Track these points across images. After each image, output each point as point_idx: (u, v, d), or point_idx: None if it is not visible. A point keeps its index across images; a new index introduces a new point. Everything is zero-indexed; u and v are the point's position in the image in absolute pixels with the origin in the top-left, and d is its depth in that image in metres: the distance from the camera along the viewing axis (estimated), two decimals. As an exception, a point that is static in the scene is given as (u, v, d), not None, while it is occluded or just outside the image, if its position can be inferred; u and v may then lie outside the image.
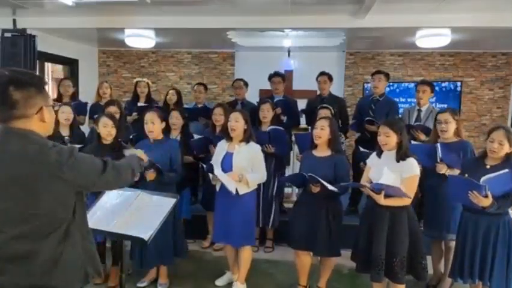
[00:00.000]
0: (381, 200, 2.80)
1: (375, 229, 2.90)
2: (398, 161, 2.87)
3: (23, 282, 1.51)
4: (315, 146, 3.33)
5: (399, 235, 2.84)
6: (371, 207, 2.98)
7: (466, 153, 3.32)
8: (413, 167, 2.86)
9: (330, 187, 3.01)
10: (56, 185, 1.48)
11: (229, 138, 3.44)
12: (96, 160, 1.62)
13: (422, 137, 3.99)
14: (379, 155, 3.03)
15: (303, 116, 5.07)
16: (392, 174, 2.80)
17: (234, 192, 3.26)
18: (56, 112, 3.94)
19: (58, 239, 1.54)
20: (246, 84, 5.15)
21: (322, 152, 3.29)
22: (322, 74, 4.93)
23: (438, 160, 3.27)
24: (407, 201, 2.84)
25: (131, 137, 4.07)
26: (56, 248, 1.53)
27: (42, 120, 1.55)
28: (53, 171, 1.46)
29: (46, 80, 1.66)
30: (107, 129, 3.39)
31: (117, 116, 3.86)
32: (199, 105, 5.17)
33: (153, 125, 3.42)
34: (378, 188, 2.80)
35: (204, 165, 3.45)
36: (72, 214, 1.58)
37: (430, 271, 3.69)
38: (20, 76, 1.52)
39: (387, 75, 4.71)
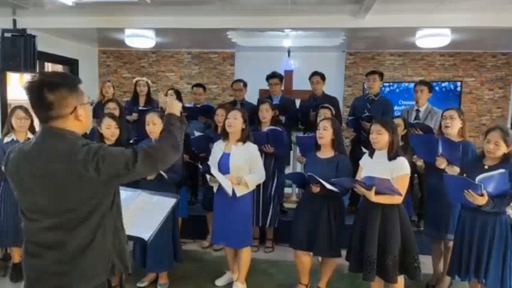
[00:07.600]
0: (372, 196, 2.80)
1: (367, 228, 2.91)
2: (389, 160, 2.89)
3: (51, 268, 1.59)
4: (318, 148, 3.33)
5: (390, 234, 2.85)
6: (364, 207, 3.00)
7: (467, 153, 3.31)
8: (403, 166, 2.87)
9: (329, 186, 3.01)
10: (83, 182, 1.53)
11: (226, 137, 3.43)
12: (125, 154, 1.60)
13: None
14: (371, 155, 3.05)
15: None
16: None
17: (230, 193, 3.26)
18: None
19: (89, 229, 1.59)
20: (245, 85, 5.16)
21: (325, 153, 3.28)
22: (314, 73, 4.92)
23: (439, 154, 3.26)
24: (398, 200, 2.84)
25: (131, 141, 4.07)
26: (85, 237, 1.59)
27: (77, 119, 1.62)
28: (79, 169, 1.52)
29: (80, 79, 1.69)
30: (110, 130, 3.45)
31: (116, 112, 3.88)
32: (198, 105, 5.18)
33: (154, 126, 3.44)
34: (369, 183, 2.81)
35: (201, 166, 3.45)
36: (109, 207, 1.64)
37: (430, 271, 3.70)
38: (52, 78, 1.59)
39: (381, 75, 4.71)
